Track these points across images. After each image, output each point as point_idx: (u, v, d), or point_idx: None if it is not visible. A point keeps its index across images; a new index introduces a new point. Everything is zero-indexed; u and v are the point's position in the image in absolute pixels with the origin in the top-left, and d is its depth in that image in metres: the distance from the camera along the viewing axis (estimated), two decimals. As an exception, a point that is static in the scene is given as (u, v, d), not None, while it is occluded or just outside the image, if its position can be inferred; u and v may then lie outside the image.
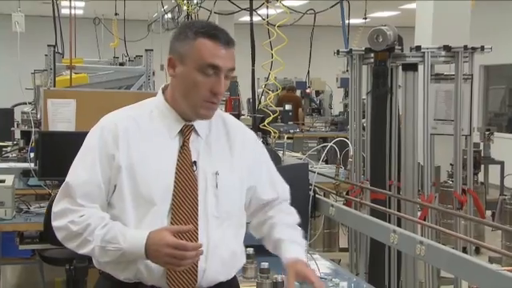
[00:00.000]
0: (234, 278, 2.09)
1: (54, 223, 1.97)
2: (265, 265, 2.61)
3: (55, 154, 4.42)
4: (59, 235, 1.97)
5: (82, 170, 1.97)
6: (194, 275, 1.95)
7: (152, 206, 1.93)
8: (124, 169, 1.94)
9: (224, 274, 2.00)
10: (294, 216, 2.24)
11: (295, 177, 3.37)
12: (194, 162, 1.99)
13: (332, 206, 3.58)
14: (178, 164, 1.97)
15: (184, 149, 1.99)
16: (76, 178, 1.97)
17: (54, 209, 1.98)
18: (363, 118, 4.53)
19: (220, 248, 1.99)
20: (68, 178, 1.99)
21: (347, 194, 4.22)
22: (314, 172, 3.88)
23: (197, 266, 1.94)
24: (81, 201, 1.95)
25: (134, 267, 1.93)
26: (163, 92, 2.05)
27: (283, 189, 2.24)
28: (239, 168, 2.05)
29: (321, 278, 2.95)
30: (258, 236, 2.26)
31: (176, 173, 1.96)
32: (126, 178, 1.94)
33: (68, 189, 1.97)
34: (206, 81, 1.93)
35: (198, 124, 2.03)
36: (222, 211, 1.98)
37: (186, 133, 2.01)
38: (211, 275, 1.97)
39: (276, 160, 2.22)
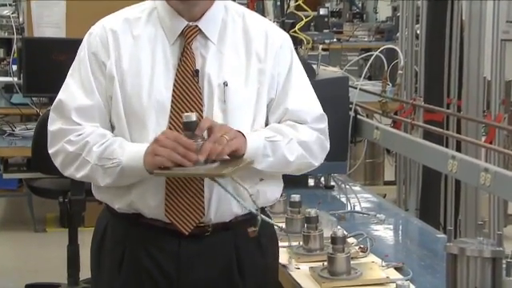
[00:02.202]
0: (261, 212, 2.08)
1: (50, 150, 2.02)
2: (295, 197, 2.64)
3: (43, 65, 4.44)
4: (57, 161, 2.02)
5: (76, 84, 2.01)
6: (198, 206, 1.98)
7: (144, 126, 1.96)
8: (116, 79, 1.98)
9: (238, 206, 2.01)
10: (299, 132, 2.06)
11: (332, 94, 3.34)
12: (197, 71, 1.99)
13: (377, 128, 3.57)
14: (177, 73, 1.98)
15: (185, 55, 1.99)
16: (69, 94, 2.01)
17: (49, 134, 2.03)
18: (417, 23, 4.45)
19: None
20: (60, 95, 2.03)
21: (395, 114, 4.20)
22: (356, 88, 3.84)
23: (202, 196, 1.97)
24: (78, 119, 1.99)
25: (128, 197, 1.99)
26: None
27: (306, 109, 2.11)
28: (256, 80, 2.04)
29: (362, 213, 2.99)
30: None
31: (174, 84, 1.97)
32: (119, 89, 1.98)
33: (62, 107, 2.01)
34: None
35: (207, 24, 2.01)
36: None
37: (188, 35, 2.00)
38: (220, 206, 2.00)
39: (309, 73, 2.16)
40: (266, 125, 2.08)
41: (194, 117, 1.88)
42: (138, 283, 2.01)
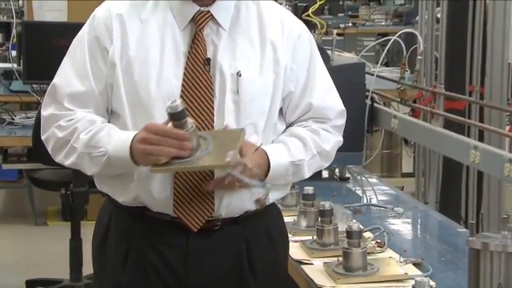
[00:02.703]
0: (271, 206, 2.11)
1: (43, 136, 2.04)
2: (309, 190, 2.63)
3: (43, 50, 4.42)
4: (49, 147, 2.03)
5: (71, 68, 2.01)
6: (208, 202, 1.97)
7: (151, 117, 1.94)
8: (119, 67, 1.97)
9: (250, 202, 2.02)
10: (324, 142, 2.08)
11: (348, 81, 3.33)
12: (208, 60, 1.97)
13: (395, 117, 3.55)
14: (187, 62, 1.96)
15: (196, 42, 1.97)
16: (63, 79, 2.01)
17: (42, 119, 2.04)
18: (437, 6, 4.42)
19: None
20: (55, 80, 2.03)
21: (414, 102, 4.18)
22: (372, 75, 3.83)
23: (212, 191, 1.96)
24: (70, 105, 1.99)
25: (132, 189, 1.98)
26: None
27: (330, 104, 2.12)
28: (271, 70, 2.02)
29: (378, 206, 2.98)
30: None
31: (184, 73, 1.96)
32: (121, 78, 1.97)
33: (55, 92, 2.01)
34: None
35: (219, 10, 2.00)
36: (244, 124, 1.97)
37: (199, 21, 1.99)
38: (232, 202, 1.99)
39: (323, 60, 2.15)
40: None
41: (180, 105, 1.83)
42: (144, 280, 2.01)
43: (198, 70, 1.97)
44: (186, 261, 2.00)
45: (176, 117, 1.84)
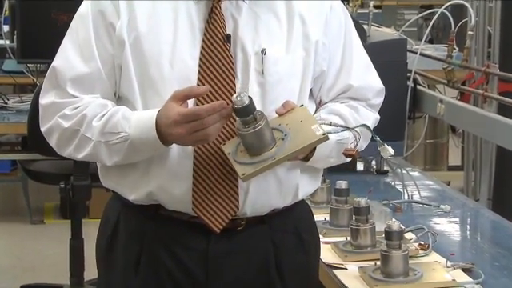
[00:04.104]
0: (300, 203, 2.12)
1: (43, 127, 2.02)
2: (341, 184, 2.63)
3: (40, 25, 4.45)
4: (52, 141, 2.02)
5: (73, 48, 2.01)
6: (232, 199, 1.98)
7: (163, 101, 1.93)
8: (128, 44, 1.96)
9: (279, 198, 2.02)
10: (363, 120, 2.09)
11: (387, 60, 3.33)
12: (228, 37, 1.97)
13: (440, 101, 3.54)
14: (204, 39, 1.96)
15: (214, 17, 1.97)
16: (65, 62, 2.00)
17: (40, 108, 2.03)
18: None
19: None
20: (55, 62, 2.02)
21: (463, 84, 4.16)
22: (415, 53, 3.82)
23: (236, 187, 1.97)
24: (73, 91, 1.98)
25: (145, 185, 1.98)
26: None
27: (369, 84, 2.15)
28: (301, 47, 2.02)
29: (422, 203, 2.98)
30: None
31: (201, 52, 1.96)
32: (131, 56, 1.97)
33: (56, 76, 2.00)
34: None
35: None
36: (272, 109, 1.96)
37: None
38: (259, 198, 2.00)
39: (360, 36, 2.15)
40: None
41: (246, 99, 1.85)
42: (158, 286, 2.01)
43: (217, 49, 1.96)
44: (205, 265, 2.00)
45: (242, 112, 1.86)
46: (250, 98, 1.85)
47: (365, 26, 3.67)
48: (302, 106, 1.96)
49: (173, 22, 1.97)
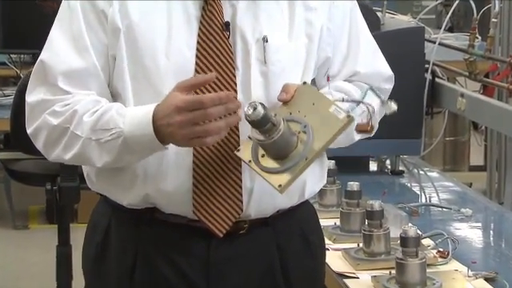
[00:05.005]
0: (305, 204, 2.12)
1: (29, 128, 2.01)
2: (353, 186, 2.63)
3: (25, 12, 4.46)
4: (39, 142, 2.00)
5: (63, 39, 2.00)
6: (235, 199, 1.99)
7: (159, 95, 1.93)
8: (122, 32, 1.96)
9: (284, 197, 2.00)
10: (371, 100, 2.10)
11: (402, 51, 3.34)
12: (227, 24, 1.98)
13: (461, 95, 3.55)
14: (201, 27, 1.97)
15: (210, 3, 1.98)
16: (55, 54, 1.99)
17: (27, 107, 2.02)
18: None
19: None
20: (43, 55, 2.01)
21: (486, 76, 4.16)
22: (434, 42, 3.82)
23: (240, 186, 1.98)
24: (66, 86, 1.97)
25: (140, 187, 1.97)
26: None
27: (376, 70, 2.17)
28: (303, 33, 2.04)
29: (441, 206, 2.98)
30: None
31: (198, 41, 1.97)
32: (124, 46, 1.96)
33: (44, 71, 1.99)
34: None
35: None
36: (273, 100, 1.97)
37: None
38: (263, 198, 2.00)
39: (373, 24, 2.16)
40: None
41: (261, 108, 1.83)
42: None
43: (215, 37, 1.97)
44: (206, 272, 2.00)
45: (261, 123, 1.84)
46: (262, 104, 1.84)
47: (378, 14, 3.68)
48: (304, 83, 1.96)
49: (166, 9, 1.97)
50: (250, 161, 1.90)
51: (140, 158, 1.94)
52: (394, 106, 1.98)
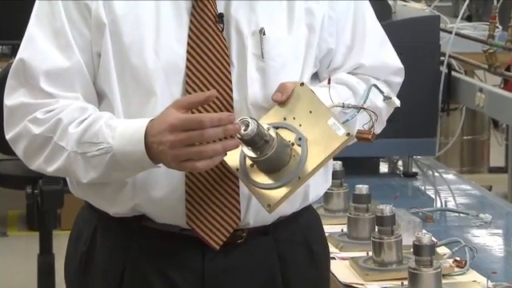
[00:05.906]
0: (308, 209, 2.12)
1: (8, 134, 2.00)
2: (362, 189, 2.64)
3: (3, 2, 4.46)
4: (18, 150, 2.00)
5: (45, 36, 1.99)
6: (232, 208, 1.98)
7: (149, 94, 1.94)
8: (107, 27, 1.96)
9: (286, 203, 1.97)
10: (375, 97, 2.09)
11: (416, 41, 3.34)
12: (220, 16, 1.98)
13: (480, 90, 3.56)
14: (192, 20, 1.97)
15: None
16: (35, 53, 1.99)
17: (5, 110, 2.01)
18: None
19: None
20: (22, 54, 2.00)
21: (507, 69, 4.17)
22: (450, 32, 3.83)
23: (237, 194, 1.97)
24: (48, 86, 1.96)
25: (129, 196, 1.97)
26: None
27: (384, 62, 2.16)
28: (303, 24, 2.03)
29: (458, 211, 2.98)
30: None
31: (189, 35, 1.97)
32: (110, 42, 1.96)
33: (24, 71, 1.98)
34: None
35: None
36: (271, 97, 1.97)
37: None
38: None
39: (383, 12, 2.15)
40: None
41: (254, 126, 1.82)
42: None
43: (208, 30, 1.97)
44: (202, 286, 2.00)
45: (254, 140, 1.84)
46: (254, 120, 1.83)
47: (390, 1, 3.68)
48: (302, 84, 1.94)
49: (154, 1, 1.97)
50: (237, 169, 1.90)
51: (129, 175, 1.94)
52: (397, 102, 1.97)
